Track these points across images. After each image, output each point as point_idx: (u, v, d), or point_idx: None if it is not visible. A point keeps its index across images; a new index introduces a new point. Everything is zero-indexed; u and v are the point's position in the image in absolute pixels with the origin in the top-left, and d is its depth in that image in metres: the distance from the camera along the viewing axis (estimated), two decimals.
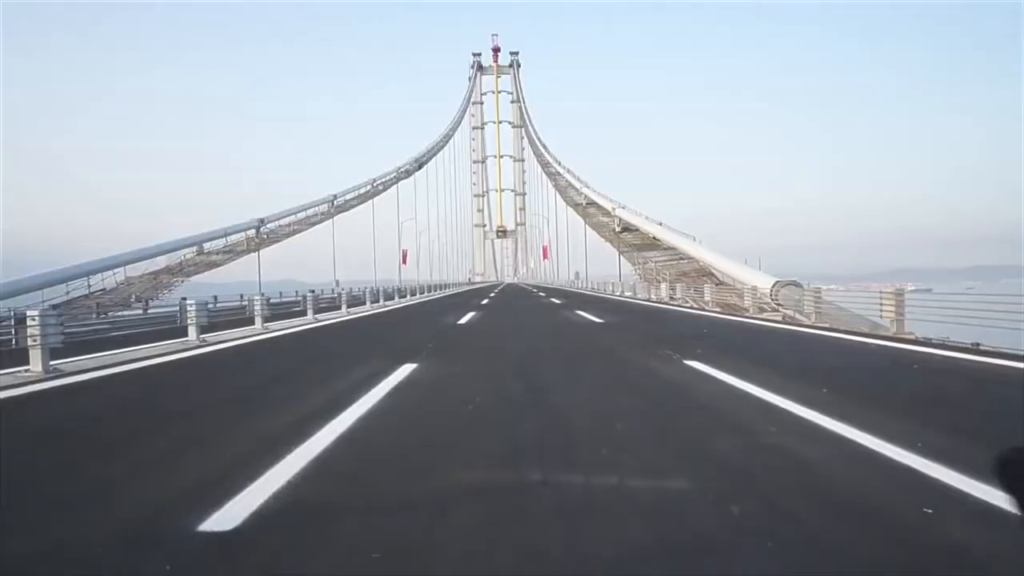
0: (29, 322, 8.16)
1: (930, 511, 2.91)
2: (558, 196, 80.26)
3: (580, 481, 3.49)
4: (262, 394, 6.63)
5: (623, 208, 49.90)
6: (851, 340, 10.72)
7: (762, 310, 19.44)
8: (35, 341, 8.11)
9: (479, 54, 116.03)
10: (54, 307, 21.38)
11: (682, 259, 37.44)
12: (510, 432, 4.63)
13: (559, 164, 79.07)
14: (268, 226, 45.88)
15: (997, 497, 2.97)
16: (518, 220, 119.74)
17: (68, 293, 30.95)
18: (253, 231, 44.01)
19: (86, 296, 32.25)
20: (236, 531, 2.87)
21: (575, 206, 69.44)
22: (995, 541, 2.62)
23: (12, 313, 10.03)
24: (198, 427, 5.04)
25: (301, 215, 49.93)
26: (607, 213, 53.07)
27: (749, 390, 5.89)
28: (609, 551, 2.61)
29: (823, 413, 4.82)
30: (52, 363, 8.38)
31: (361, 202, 59.56)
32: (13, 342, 9.03)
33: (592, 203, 60.48)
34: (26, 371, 8.11)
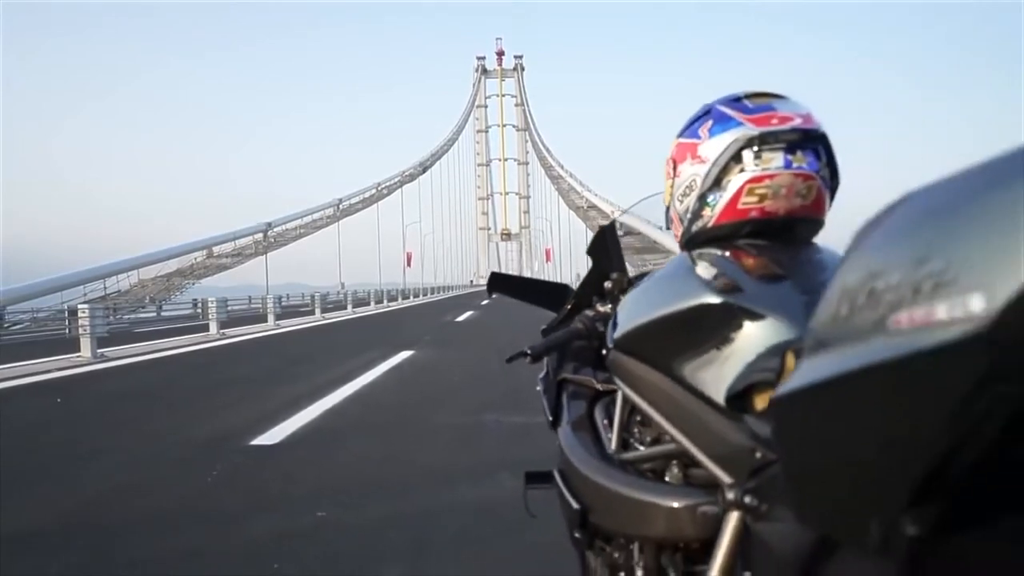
0: (80, 314, 9.48)
1: None
2: (560, 199, 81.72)
3: (522, 420, 4.75)
4: (283, 372, 7.93)
5: (623, 212, 51.17)
6: None
7: None
8: (85, 331, 9.43)
9: (483, 57, 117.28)
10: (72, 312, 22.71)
11: None
12: (482, 395, 5.90)
13: (562, 167, 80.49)
14: (276, 229, 47.21)
15: None
16: (522, 223, 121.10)
17: (85, 295, 32.32)
18: (261, 234, 45.33)
19: (103, 298, 33.61)
20: (277, 444, 4.17)
21: (576, 209, 70.85)
22: None
23: (65, 307, 11.31)
24: (237, 391, 6.35)
25: (307, 219, 51.27)
26: (607, 216, 54.42)
27: None
28: (537, 457, 3.87)
29: None
30: (99, 351, 9.69)
31: (366, 206, 61.04)
32: (67, 332, 10.36)
33: (593, 206, 61.88)
34: (78, 356, 9.43)
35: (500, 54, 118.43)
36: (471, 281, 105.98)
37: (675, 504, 0.84)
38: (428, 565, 2.37)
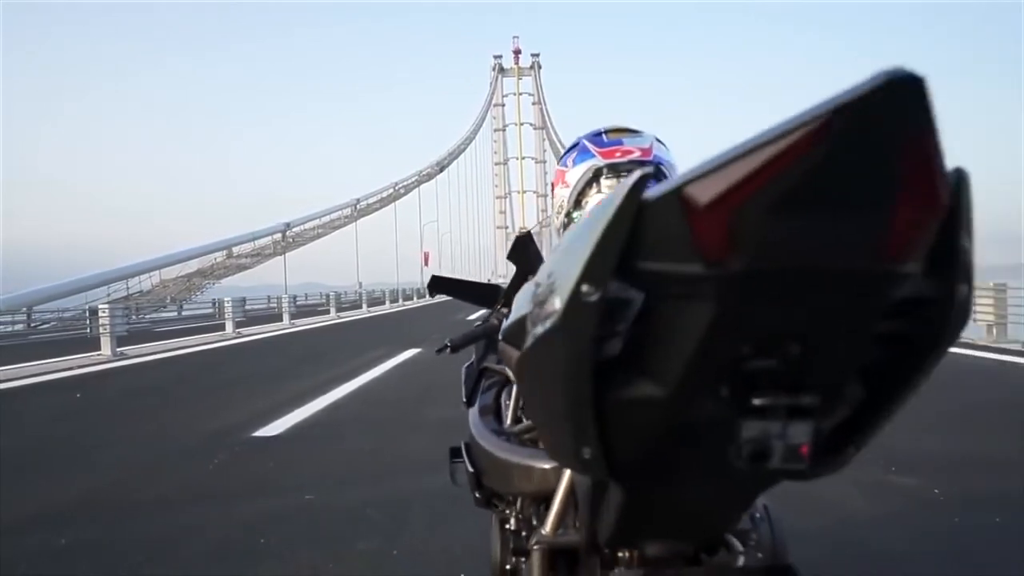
0: (100, 314, 9.86)
1: None
2: None
3: None
4: (291, 369, 8.22)
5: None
6: None
7: None
8: (105, 330, 9.80)
9: (500, 56, 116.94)
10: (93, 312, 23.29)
11: None
12: None
13: None
14: (294, 230, 47.72)
15: None
16: (540, 221, 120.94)
17: (109, 295, 33.03)
18: (279, 235, 45.86)
19: (126, 298, 34.34)
20: (276, 436, 4.44)
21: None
22: None
23: (87, 307, 11.74)
24: (244, 387, 6.66)
25: (325, 219, 51.76)
26: None
27: None
28: None
29: None
30: (119, 349, 10.07)
31: (383, 205, 61.45)
32: (88, 331, 10.75)
33: None
34: (98, 354, 9.80)
35: (517, 52, 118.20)
36: (488, 280, 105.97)
37: (544, 466, 1.06)
38: (401, 539, 2.60)
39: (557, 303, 0.54)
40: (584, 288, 0.51)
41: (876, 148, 0.41)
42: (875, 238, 0.45)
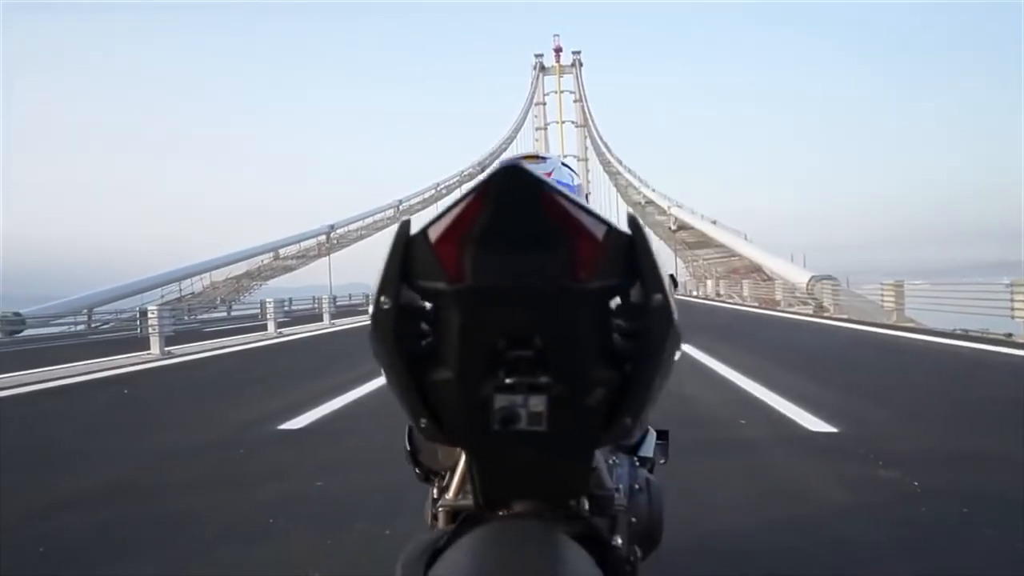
0: (149, 315, 10.44)
1: None
2: (619, 195, 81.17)
3: None
4: (324, 367, 8.61)
5: (679, 207, 50.65)
6: (812, 322, 11.92)
7: (804, 303, 20.48)
8: (154, 330, 10.38)
9: (541, 55, 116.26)
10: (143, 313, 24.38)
11: (733, 256, 38.22)
12: None
13: (620, 164, 79.72)
14: (338, 231, 48.80)
15: None
16: None
17: (163, 296, 34.43)
18: (323, 236, 46.98)
19: (178, 299, 35.72)
20: (301, 429, 4.76)
21: (634, 205, 70.01)
22: None
23: (137, 309, 12.39)
24: (280, 384, 7.03)
25: (368, 220, 52.76)
26: (663, 212, 53.85)
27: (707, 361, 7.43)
28: None
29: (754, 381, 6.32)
30: (166, 348, 10.64)
31: (425, 206, 62.07)
32: (138, 331, 11.37)
33: (650, 202, 61.28)
34: (147, 353, 10.39)
35: (558, 51, 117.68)
36: None
37: None
38: (396, 521, 2.84)
39: (371, 309, 0.76)
40: (382, 299, 0.73)
41: (520, 206, 0.63)
42: (559, 265, 0.66)
